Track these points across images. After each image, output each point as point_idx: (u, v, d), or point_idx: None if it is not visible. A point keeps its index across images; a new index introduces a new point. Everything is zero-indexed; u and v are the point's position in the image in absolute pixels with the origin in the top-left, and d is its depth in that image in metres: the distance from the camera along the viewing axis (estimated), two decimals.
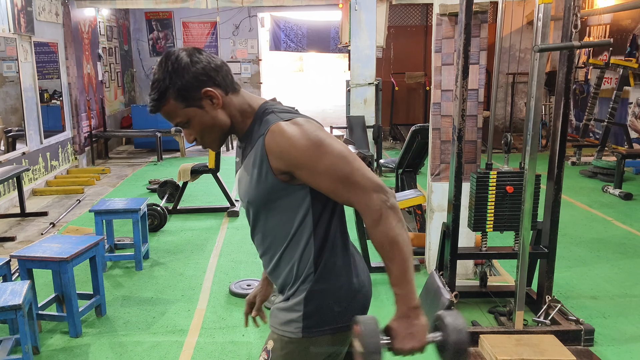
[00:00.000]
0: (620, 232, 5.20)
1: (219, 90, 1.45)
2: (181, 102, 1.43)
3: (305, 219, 1.49)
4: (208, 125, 1.46)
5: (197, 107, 1.44)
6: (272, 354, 1.55)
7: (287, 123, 1.42)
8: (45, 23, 7.49)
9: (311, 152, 1.39)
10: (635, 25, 8.24)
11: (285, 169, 1.42)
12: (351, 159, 1.41)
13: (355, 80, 8.01)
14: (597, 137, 8.78)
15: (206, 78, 1.43)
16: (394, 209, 1.40)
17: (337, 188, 1.41)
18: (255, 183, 1.47)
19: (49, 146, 7.54)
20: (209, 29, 11.61)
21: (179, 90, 1.41)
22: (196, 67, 1.42)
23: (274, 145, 1.40)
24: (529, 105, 3.01)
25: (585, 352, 3.07)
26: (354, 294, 1.54)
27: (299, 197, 1.47)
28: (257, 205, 1.51)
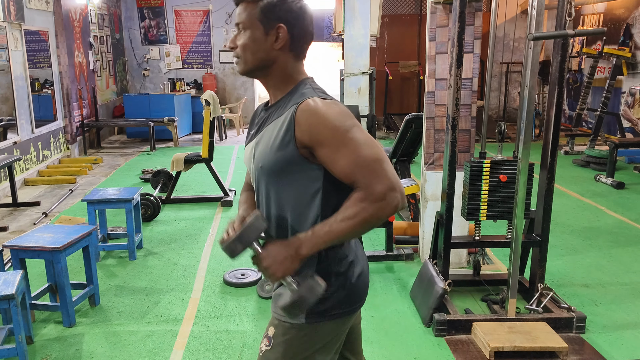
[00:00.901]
0: (612, 221, 5.24)
1: (289, 42, 1.48)
2: (259, 13, 1.46)
3: (314, 200, 1.47)
4: (255, 48, 1.48)
5: (264, 28, 1.46)
6: (274, 340, 1.54)
7: (323, 101, 1.44)
8: (35, 11, 7.41)
9: (338, 133, 1.39)
10: (628, 15, 8.25)
11: (309, 143, 1.41)
12: (378, 148, 1.42)
13: (349, 70, 7.97)
14: (590, 126, 8.81)
15: (294, 23, 1.46)
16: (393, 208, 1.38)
17: (353, 171, 1.39)
18: (275, 149, 1.45)
19: (40, 136, 7.48)
20: (201, 17, 11.52)
21: (267, 6, 1.45)
22: (299, 11, 1.46)
23: (304, 116, 1.41)
24: (523, 94, 3.01)
25: (577, 339, 3.10)
26: (356, 279, 1.55)
27: (312, 176, 1.46)
28: (269, 172, 1.49)
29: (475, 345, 3.05)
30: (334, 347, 1.57)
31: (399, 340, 3.15)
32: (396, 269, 4.14)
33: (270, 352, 1.54)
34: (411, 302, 3.56)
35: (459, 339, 3.12)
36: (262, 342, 1.59)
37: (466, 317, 3.19)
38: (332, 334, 1.54)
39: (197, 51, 11.65)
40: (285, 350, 1.52)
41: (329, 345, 1.55)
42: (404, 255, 4.25)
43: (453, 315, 3.19)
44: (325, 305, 1.50)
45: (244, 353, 3.03)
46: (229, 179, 7.04)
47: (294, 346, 1.52)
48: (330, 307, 1.51)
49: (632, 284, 3.88)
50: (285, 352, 1.52)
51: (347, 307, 1.53)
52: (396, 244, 4.39)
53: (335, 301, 1.51)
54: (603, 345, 3.07)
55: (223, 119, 10.36)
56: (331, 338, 1.55)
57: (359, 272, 1.56)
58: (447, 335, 3.15)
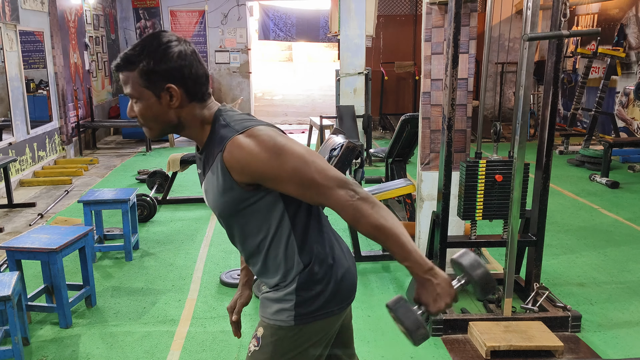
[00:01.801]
0: (607, 220, 5.26)
1: (184, 95, 1.41)
2: (143, 80, 1.39)
3: (282, 218, 1.49)
4: (153, 114, 1.43)
5: (154, 93, 1.40)
6: (262, 340, 1.56)
7: (242, 136, 1.39)
8: (30, 11, 7.38)
9: (272, 162, 1.37)
10: (622, 15, 8.29)
11: (251, 181, 1.41)
12: (311, 160, 1.40)
13: (345, 70, 7.99)
14: (585, 126, 8.85)
15: (179, 76, 1.39)
16: (364, 199, 1.40)
17: (305, 192, 1.41)
18: (222, 196, 1.46)
19: (36, 136, 7.46)
20: (197, 17, 11.50)
21: (148, 70, 1.38)
22: (177, 61, 1.39)
23: (233, 161, 1.39)
24: (518, 94, 3.03)
25: (573, 338, 3.11)
26: (342, 277, 1.57)
27: (270, 200, 1.47)
28: (229, 216, 1.51)
29: (472, 344, 3.06)
30: (322, 346, 1.59)
31: (395, 340, 3.16)
32: (392, 269, 4.15)
33: (259, 353, 1.56)
34: None
35: (455, 339, 3.13)
36: (250, 343, 1.61)
37: (462, 316, 3.21)
38: (320, 333, 1.56)
39: None
40: (273, 351, 1.54)
41: (317, 345, 1.57)
42: None
43: (449, 315, 3.20)
44: (313, 305, 1.52)
45: (241, 353, 3.03)
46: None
47: (282, 346, 1.54)
48: (317, 308, 1.53)
49: (627, 282, 3.90)
50: (274, 353, 1.54)
51: (334, 306, 1.55)
52: None
53: (324, 301, 1.53)
54: (598, 344, 3.09)
55: None
56: (319, 337, 1.57)
57: (344, 271, 1.58)
58: (443, 335, 3.16)
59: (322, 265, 1.54)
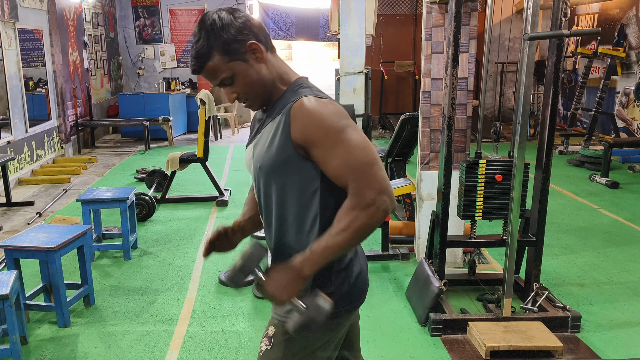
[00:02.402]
0: (607, 221, 5.26)
1: (262, 46, 1.46)
2: (226, 55, 1.43)
3: (313, 199, 1.47)
4: (253, 79, 1.47)
5: (242, 60, 1.44)
6: (274, 339, 1.55)
7: (318, 99, 1.43)
8: (29, 9, 7.37)
9: (331, 134, 1.39)
10: (622, 15, 8.28)
11: (303, 142, 1.41)
12: (370, 150, 1.41)
13: (345, 69, 7.97)
14: (585, 126, 8.85)
15: (249, 32, 1.44)
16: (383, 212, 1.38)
17: (342, 175, 1.39)
18: (273, 148, 1.45)
19: (34, 135, 7.44)
20: (196, 16, 11.48)
21: (224, 44, 1.42)
22: (238, 21, 1.44)
23: (299, 115, 1.41)
24: (518, 94, 3.02)
25: (572, 339, 3.11)
26: (356, 278, 1.56)
27: (310, 176, 1.46)
28: (267, 172, 1.49)
29: (471, 344, 3.05)
30: (333, 345, 1.58)
31: (395, 339, 3.15)
32: (392, 269, 4.14)
33: (271, 352, 1.55)
34: (407, 302, 3.56)
35: (454, 339, 3.12)
36: (262, 342, 1.59)
37: (462, 316, 3.20)
38: (332, 332, 1.55)
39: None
40: (285, 350, 1.53)
41: (329, 344, 1.56)
42: (399, 255, 4.26)
43: (449, 315, 3.19)
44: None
45: (240, 353, 3.03)
46: (224, 179, 7.02)
47: (294, 345, 1.53)
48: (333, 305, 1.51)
49: (626, 283, 3.89)
50: (286, 351, 1.53)
51: (347, 305, 1.54)
52: (392, 244, 4.39)
53: (336, 299, 1.51)
54: (598, 344, 3.08)
55: (218, 119, 10.34)
56: (331, 336, 1.55)
57: (359, 271, 1.57)
58: (442, 335, 3.15)
59: (340, 263, 1.52)
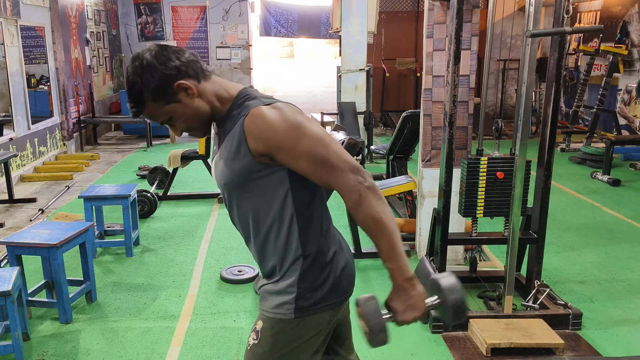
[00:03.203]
0: (609, 218, 5.25)
1: (191, 81, 1.46)
2: (159, 101, 1.45)
3: (285, 200, 1.50)
4: (189, 116, 1.49)
5: (175, 102, 1.46)
6: (262, 333, 1.57)
7: (267, 107, 1.45)
8: (31, 6, 7.37)
9: (290, 134, 1.41)
10: (625, 12, 8.26)
11: (264, 151, 1.43)
12: (328, 141, 1.44)
13: (346, 66, 7.97)
14: (587, 123, 8.83)
15: (176, 72, 1.44)
16: (371, 189, 1.43)
17: (316, 170, 1.43)
18: (232, 164, 1.47)
19: (36, 132, 7.45)
20: (198, 13, 11.48)
21: (154, 91, 1.43)
22: (163, 65, 1.43)
23: (253, 127, 1.42)
24: (520, 91, 3.01)
25: (573, 336, 3.11)
26: (341, 271, 1.57)
27: (278, 178, 1.48)
28: (233, 187, 1.51)
29: (472, 341, 3.05)
30: (321, 339, 1.60)
31: (396, 336, 3.15)
32: None
33: (258, 346, 1.57)
34: None
35: (455, 336, 3.12)
36: (250, 337, 1.62)
37: None
38: (319, 326, 1.57)
39: (194, 47, 11.60)
40: (272, 344, 1.55)
41: (316, 338, 1.58)
42: None
43: None
44: (313, 298, 1.53)
45: (241, 349, 3.03)
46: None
47: (281, 339, 1.55)
48: (317, 300, 1.53)
49: (628, 280, 3.89)
50: (273, 345, 1.55)
51: (334, 299, 1.56)
52: None
53: (322, 294, 1.54)
54: (599, 342, 3.08)
55: None
56: (318, 330, 1.57)
57: (344, 264, 1.59)
58: (443, 332, 3.15)
59: (324, 257, 1.54)
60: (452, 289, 1.48)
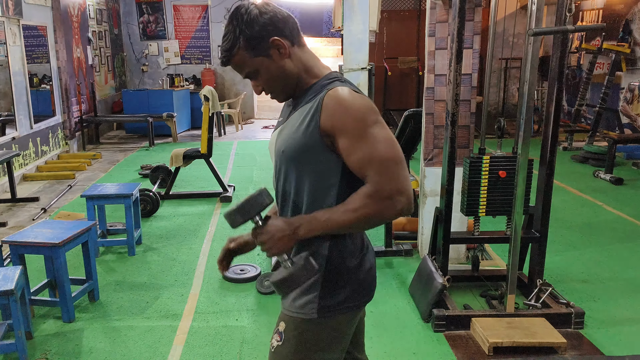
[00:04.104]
0: (611, 217, 5.24)
1: (286, 41, 1.48)
2: (250, 51, 1.46)
3: (330, 191, 1.48)
4: (275, 74, 1.49)
5: (265, 56, 1.47)
6: (285, 334, 1.54)
7: (351, 92, 1.45)
8: (33, 6, 7.38)
9: (360, 125, 1.41)
10: (627, 10, 8.24)
11: (330, 130, 1.42)
12: (397, 149, 1.43)
13: (348, 65, 7.92)
14: (589, 122, 8.81)
15: (273, 28, 1.46)
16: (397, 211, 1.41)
17: (364, 168, 1.41)
18: (299, 133, 1.46)
19: (39, 131, 7.46)
20: (200, 12, 11.48)
21: (248, 40, 1.45)
22: (264, 17, 1.45)
23: (331, 103, 1.42)
24: (522, 89, 3.01)
25: (576, 335, 3.11)
26: (366, 273, 1.56)
27: (331, 168, 1.47)
28: (290, 157, 1.49)
29: (474, 340, 3.05)
30: (344, 340, 1.58)
31: (398, 335, 3.16)
32: (395, 265, 4.14)
33: (282, 347, 1.54)
34: (410, 298, 3.57)
35: (458, 335, 3.12)
36: (272, 338, 1.59)
37: (465, 312, 3.20)
38: (342, 327, 1.55)
39: (196, 46, 11.62)
40: (297, 345, 1.53)
41: (340, 338, 1.56)
42: (403, 251, 4.26)
43: (452, 311, 3.19)
44: (337, 298, 1.51)
45: (244, 348, 3.04)
46: (228, 175, 7.03)
47: (305, 340, 1.52)
48: (341, 301, 1.52)
49: (630, 279, 3.89)
50: (298, 346, 1.53)
51: (357, 300, 1.54)
52: (395, 240, 4.39)
53: (347, 294, 1.52)
54: (601, 341, 3.08)
55: (222, 115, 10.34)
56: (342, 331, 1.55)
57: (369, 266, 1.58)
58: (446, 331, 3.15)
59: (352, 257, 1.53)
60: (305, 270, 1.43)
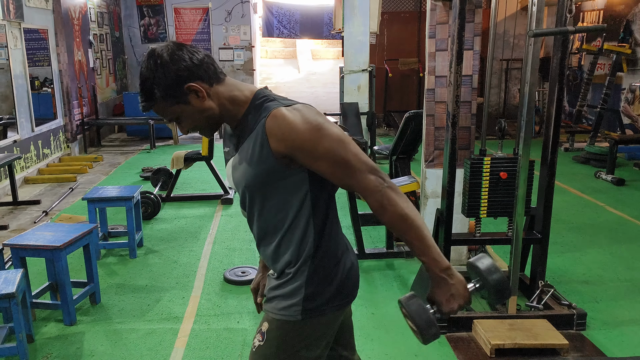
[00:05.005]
0: (613, 218, 5.24)
1: (202, 84, 1.47)
2: (167, 100, 1.46)
3: (304, 202, 1.51)
4: (197, 117, 1.50)
5: (184, 102, 1.47)
6: (267, 334, 1.57)
7: (287, 108, 1.46)
8: (34, 9, 7.39)
9: (311, 135, 1.42)
10: (628, 11, 8.23)
11: (285, 151, 1.43)
12: (347, 142, 1.45)
13: (349, 67, 7.97)
14: (590, 123, 8.80)
15: (187, 74, 1.45)
16: (392, 188, 1.44)
17: (336, 171, 1.44)
18: (255, 166, 1.48)
19: (40, 134, 7.47)
20: (200, 15, 11.50)
21: (164, 90, 1.45)
22: (177, 65, 1.44)
23: (275, 128, 1.43)
24: (523, 90, 3.01)
25: (578, 336, 3.10)
26: (347, 272, 1.58)
27: (298, 179, 1.49)
28: (255, 189, 1.52)
29: (476, 342, 3.05)
30: (326, 340, 1.60)
31: (400, 337, 3.15)
32: (396, 266, 4.14)
33: (264, 347, 1.57)
34: None
35: (459, 336, 3.12)
36: (255, 338, 1.61)
37: (467, 314, 3.19)
38: (324, 327, 1.57)
39: None
40: (278, 345, 1.55)
41: (321, 339, 1.58)
42: (404, 253, 4.25)
43: None
44: (320, 299, 1.53)
45: (245, 351, 3.03)
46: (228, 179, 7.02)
47: (287, 341, 1.55)
48: (324, 302, 1.54)
49: (632, 280, 3.88)
50: (279, 347, 1.55)
51: (339, 300, 1.57)
52: (396, 242, 4.39)
53: (330, 295, 1.54)
54: (604, 342, 3.07)
55: None
56: (324, 332, 1.57)
57: (350, 265, 1.60)
58: (447, 333, 3.15)
59: (334, 259, 1.56)
60: (490, 269, 1.48)
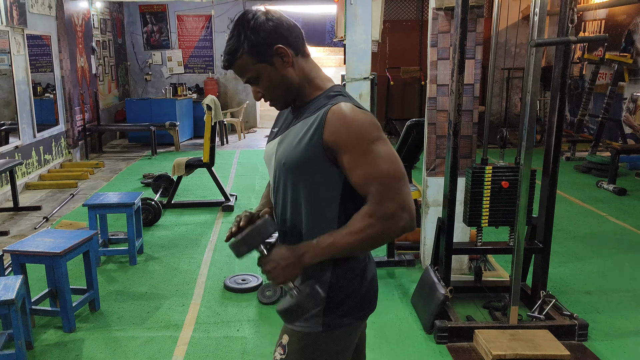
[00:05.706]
0: (614, 228, 5.22)
1: (290, 50, 1.48)
2: (253, 57, 1.47)
3: (330, 205, 1.48)
4: (276, 82, 1.49)
5: (268, 63, 1.47)
6: (289, 347, 1.53)
7: (354, 107, 1.45)
8: (38, 15, 7.43)
9: (362, 142, 1.41)
10: (630, 21, 8.25)
11: (333, 145, 1.42)
12: (399, 165, 1.43)
13: (351, 75, 7.94)
14: (592, 132, 8.80)
15: (278, 36, 1.46)
16: (400, 229, 1.41)
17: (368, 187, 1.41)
18: (301, 146, 1.46)
19: (42, 140, 7.48)
20: (203, 22, 11.54)
21: (253, 46, 1.45)
22: (270, 24, 1.46)
23: (334, 118, 1.42)
24: (525, 100, 3.00)
25: (579, 347, 3.08)
26: (368, 285, 1.55)
27: (333, 181, 1.46)
28: (291, 169, 1.48)
29: (477, 352, 3.03)
30: (348, 351, 1.57)
31: (400, 347, 3.14)
32: (397, 275, 4.12)
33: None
34: (412, 309, 3.55)
35: (460, 346, 3.10)
36: (275, 351, 1.58)
37: (468, 324, 3.18)
38: (345, 340, 1.54)
39: (199, 56, 11.67)
40: (300, 358, 1.52)
41: (343, 351, 1.55)
42: (405, 262, 4.24)
43: (454, 322, 3.17)
44: (342, 311, 1.50)
45: (244, 359, 3.02)
46: (230, 184, 7.03)
47: (309, 353, 1.52)
48: (344, 313, 1.51)
49: (634, 291, 3.86)
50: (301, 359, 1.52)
51: (360, 312, 1.54)
52: (397, 250, 4.38)
53: (351, 307, 1.51)
54: (605, 353, 3.05)
55: (224, 124, 10.37)
56: (345, 344, 1.55)
57: (371, 277, 1.57)
58: (448, 343, 3.13)
59: (355, 269, 1.52)
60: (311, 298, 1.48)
